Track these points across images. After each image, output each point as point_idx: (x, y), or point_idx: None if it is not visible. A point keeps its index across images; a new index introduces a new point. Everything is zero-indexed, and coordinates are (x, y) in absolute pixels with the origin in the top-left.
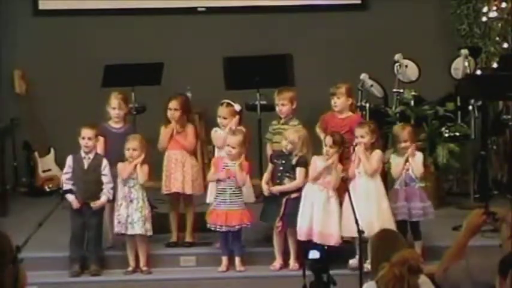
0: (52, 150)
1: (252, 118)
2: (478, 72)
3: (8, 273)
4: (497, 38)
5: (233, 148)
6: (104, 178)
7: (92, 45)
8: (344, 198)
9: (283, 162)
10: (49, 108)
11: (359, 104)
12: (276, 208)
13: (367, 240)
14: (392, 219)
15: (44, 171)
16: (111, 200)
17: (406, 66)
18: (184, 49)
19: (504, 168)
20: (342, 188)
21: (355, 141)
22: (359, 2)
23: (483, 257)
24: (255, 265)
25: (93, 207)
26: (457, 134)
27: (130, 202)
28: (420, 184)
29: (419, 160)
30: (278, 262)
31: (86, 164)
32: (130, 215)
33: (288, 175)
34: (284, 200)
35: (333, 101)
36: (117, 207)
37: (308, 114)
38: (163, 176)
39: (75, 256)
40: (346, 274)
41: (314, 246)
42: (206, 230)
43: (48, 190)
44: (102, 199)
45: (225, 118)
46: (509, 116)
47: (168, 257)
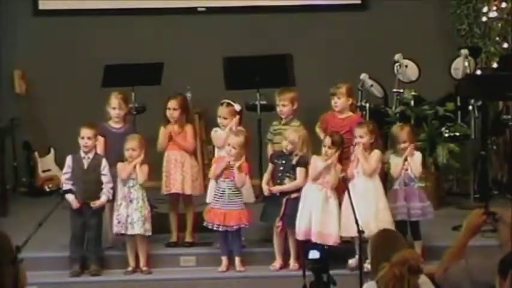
0: (52, 150)
1: (252, 118)
2: (478, 72)
3: (8, 273)
4: (497, 38)
5: (234, 148)
6: (104, 178)
7: (92, 45)
8: (343, 198)
9: (283, 162)
10: (49, 108)
11: (359, 104)
12: (277, 208)
13: (366, 240)
14: (390, 219)
15: (44, 171)
16: (111, 200)
17: (406, 66)
18: (184, 49)
19: (504, 168)
20: (341, 188)
21: (354, 141)
22: (359, 2)
23: (483, 257)
24: (255, 265)
25: (93, 207)
26: (457, 134)
27: (130, 202)
28: (419, 184)
29: (418, 160)
30: (278, 262)
31: (86, 164)
32: (130, 215)
33: (289, 175)
34: (284, 200)
35: (333, 101)
36: (116, 207)
37: (308, 114)
38: (163, 177)
39: (75, 256)
40: (346, 274)
41: (314, 246)
42: (206, 230)
43: (48, 190)
44: (102, 199)
45: (225, 118)
46: (509, 116)
47: (168, 257)
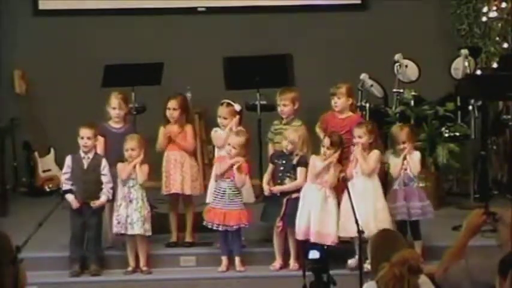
0: (52, 150)
1: (252, 118)
2: (478, 72)
3: (8, 273)
4: (497, 38)
5: (234, 148)
6: (104, 178)
7: (92, 45)
8: (342, 198)
9: (283, 162)
10: (49, 108)
11: (359, 104)
12: (277, 208)
13: (366, 240)
14: (389, 219)
15: (44, 171)
16: (110, 200)
17: (406, 66)
18: (184, 49)
19: (504, 168)
20: (340, 188)
21: (353, 141)
22: (359, 2)
23: (483, 257)
24: (255, 265)
25: (92, 206)
26: (457, 134)
27: (129, 202)
28: (419, 184)
29: (416, 158)
30: (278, 262)
31: (86, 164)
32: (129, 215)
33: (289, 175)
34: (285, 200)
35: (333, 101)
36: (116, 207)
37: (308, 114)
38: (163, 177)
39: (75, 256)
40: (345, 274)
41: (314, 246)
42: (206, 230)
43: (48, 190)
44: (101, 199)
45: (225, 118)
46: (509, 116)
47: (168, 257)
